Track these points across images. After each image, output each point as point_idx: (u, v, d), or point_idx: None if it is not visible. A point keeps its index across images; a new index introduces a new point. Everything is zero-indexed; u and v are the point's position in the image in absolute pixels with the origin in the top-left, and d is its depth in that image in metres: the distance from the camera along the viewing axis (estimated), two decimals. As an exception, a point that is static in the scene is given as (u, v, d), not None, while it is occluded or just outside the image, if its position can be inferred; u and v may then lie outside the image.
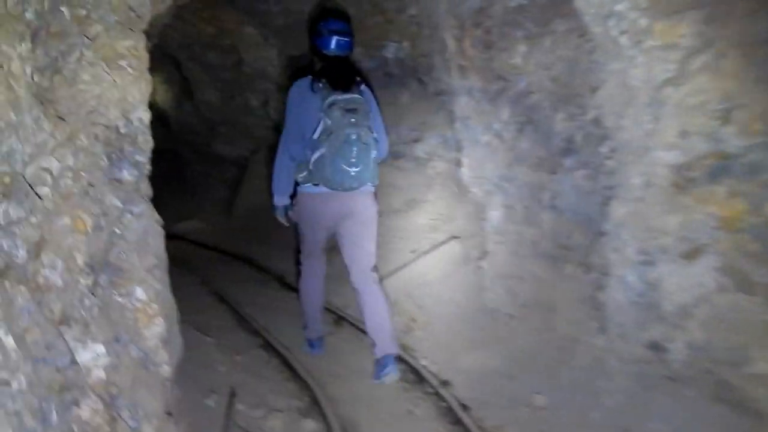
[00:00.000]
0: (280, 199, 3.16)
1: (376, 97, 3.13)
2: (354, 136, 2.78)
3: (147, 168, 1.87)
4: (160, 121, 7.85)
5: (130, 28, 1.84)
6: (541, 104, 2.93)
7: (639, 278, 2.42)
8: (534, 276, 3.07)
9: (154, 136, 1.93)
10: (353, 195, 2.92)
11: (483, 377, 2.98)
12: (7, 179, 1.31)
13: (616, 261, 2.53)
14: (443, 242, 4.39)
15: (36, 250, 1.38)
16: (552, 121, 2.88)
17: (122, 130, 1.76)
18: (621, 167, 2.48)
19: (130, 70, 1.80)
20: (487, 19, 3.05)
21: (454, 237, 4.36)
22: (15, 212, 1.31)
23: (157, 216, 1.89)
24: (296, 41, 5.35)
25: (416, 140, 4.92)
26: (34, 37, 1.50)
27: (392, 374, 2.97)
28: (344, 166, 2.78)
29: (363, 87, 3.01)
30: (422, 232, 4.78)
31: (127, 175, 1.77)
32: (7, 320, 1.18)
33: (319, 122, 2.81)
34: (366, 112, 2.90)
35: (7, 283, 1.24)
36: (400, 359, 3.08)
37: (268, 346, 3.47)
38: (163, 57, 6.94)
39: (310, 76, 2.95)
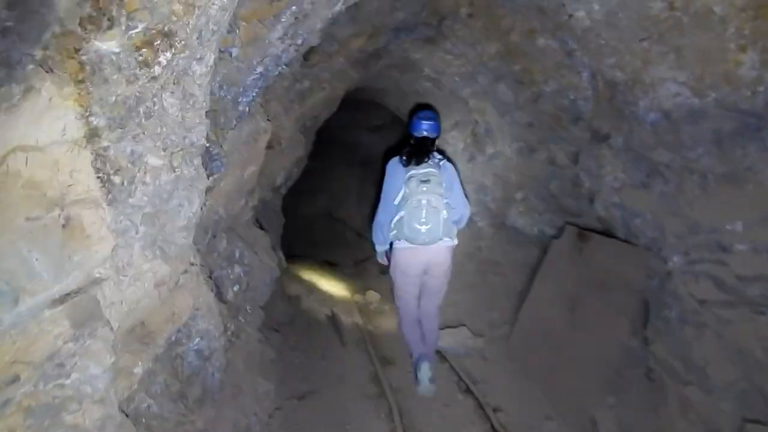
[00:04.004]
0: (380, 247, 4.01)
1: (457, 169, 3.94)
2: (424, 201, 3.57)
3: None
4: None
5: None
6: None
7: None
8: None
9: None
10: (430, 249, 3.69)
11: None
12: None
13: None
14: None
15: None
16: None
17: None
18: None
19: None
20: None
21: None
22: None
23: None
24: (619, 55, 2.89)
25: None
26: None
27: (427, 367, 3.95)
28: (416, 225, 3.59)
29: (442, 162, 3.74)
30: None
31: None
32: None
33: (401, 191, 3.67)
34: (439, 183, 3.62)
35: None
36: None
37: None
38: (451, 96, 5.25)
39: (398, 156, 3.82)
